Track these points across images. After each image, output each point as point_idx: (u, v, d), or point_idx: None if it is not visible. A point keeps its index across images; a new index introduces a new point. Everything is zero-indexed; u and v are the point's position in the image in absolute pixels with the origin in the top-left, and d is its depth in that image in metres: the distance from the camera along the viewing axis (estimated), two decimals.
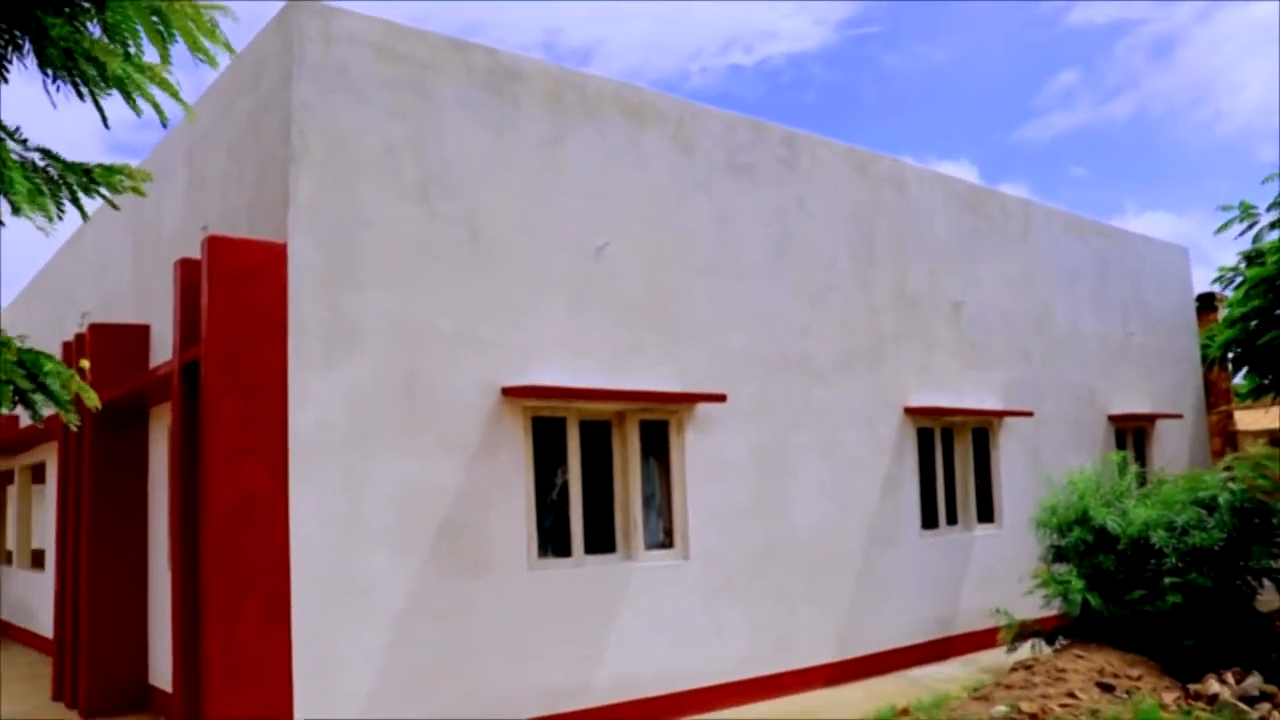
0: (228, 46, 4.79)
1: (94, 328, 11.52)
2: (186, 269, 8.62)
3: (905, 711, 9.22)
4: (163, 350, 10.53)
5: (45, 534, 16.96)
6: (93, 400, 5.03)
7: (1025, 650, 11.04)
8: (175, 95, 4.68)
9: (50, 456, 15.79)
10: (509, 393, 9.26)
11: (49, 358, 4.78)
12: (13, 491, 19.19)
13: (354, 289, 8.64)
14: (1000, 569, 13.38)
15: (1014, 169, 75.31)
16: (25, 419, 16.59)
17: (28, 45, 4.42)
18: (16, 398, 4.66)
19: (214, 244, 8.16)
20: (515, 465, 9.32)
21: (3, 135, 4.41)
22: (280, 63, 8.71)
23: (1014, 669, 9.65)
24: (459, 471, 8.98)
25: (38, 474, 17.83)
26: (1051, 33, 66.53)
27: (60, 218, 4.59)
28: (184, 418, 8.59)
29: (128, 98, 4.59)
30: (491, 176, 9.49)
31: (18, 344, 4.76)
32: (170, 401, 9.37)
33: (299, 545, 8.13)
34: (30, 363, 4.67)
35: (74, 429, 6.46)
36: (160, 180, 4.73)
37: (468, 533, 8.98)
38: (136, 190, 4.75)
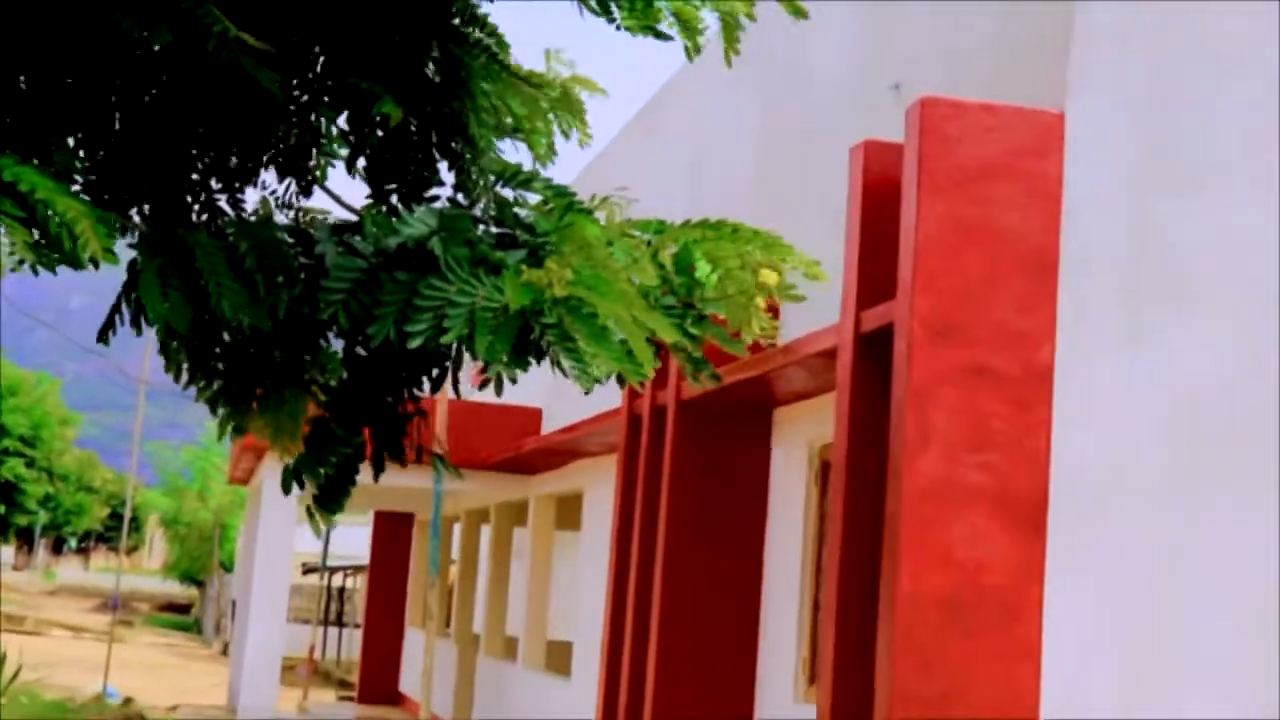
0: None
1: None
2: (871, 158, 5.19)
3: None
4: (803, 311, 6.28)
5: (569, 614, 12.05)
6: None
7: None
8: None
9: (589, 483, 10.83)
10: None
11: None
12: (526, 541, 13.02)
13: (1186, 192, 4.65)
14: None
15: None
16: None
17: None
18: None
19: (930, 112, 4.65)
20: None
21: None
22: None
23: None
24: None
25: (566, 512, 12.24)
26: None
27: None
28: (858, 424, 5.02)
29: None
30: None
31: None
32: (835, 395, 5.55)
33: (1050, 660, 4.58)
34: None
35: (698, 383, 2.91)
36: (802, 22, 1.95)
37: None
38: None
